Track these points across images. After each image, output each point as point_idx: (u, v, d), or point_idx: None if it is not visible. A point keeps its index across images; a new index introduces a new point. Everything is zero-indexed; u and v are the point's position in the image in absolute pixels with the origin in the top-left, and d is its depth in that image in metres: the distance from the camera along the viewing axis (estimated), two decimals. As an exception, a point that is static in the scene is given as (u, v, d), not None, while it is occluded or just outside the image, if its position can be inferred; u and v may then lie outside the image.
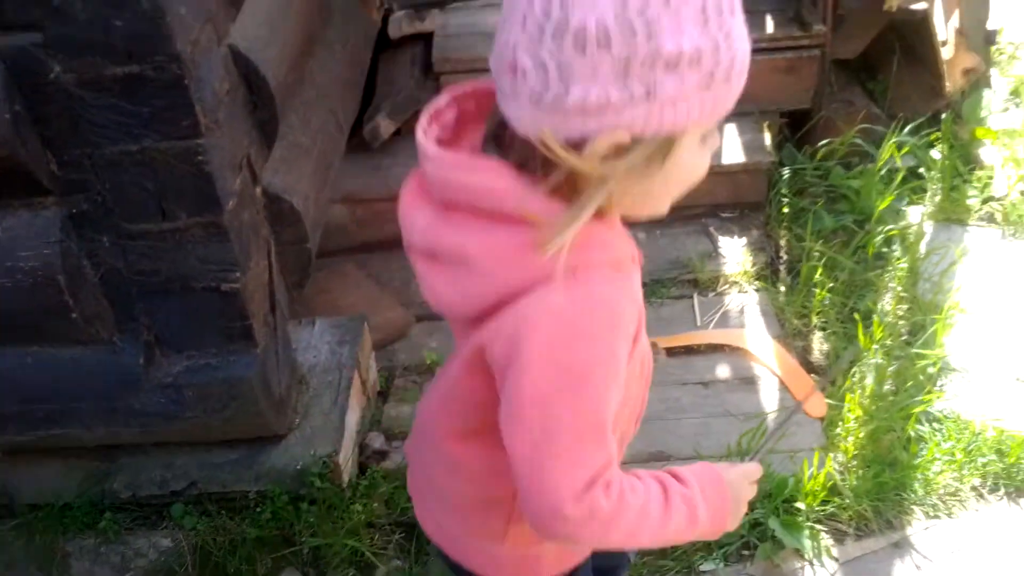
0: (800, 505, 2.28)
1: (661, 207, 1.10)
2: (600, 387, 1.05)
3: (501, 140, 1.05)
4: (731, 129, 3.30)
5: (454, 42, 3.43)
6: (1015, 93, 3.75)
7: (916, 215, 3.16)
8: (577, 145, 0.97)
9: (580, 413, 1.05)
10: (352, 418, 2.39)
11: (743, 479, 1.30)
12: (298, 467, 2.24)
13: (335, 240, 3.16)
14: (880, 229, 2.99)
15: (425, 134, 1.08)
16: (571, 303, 1.01)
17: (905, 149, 3.22)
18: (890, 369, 2.57)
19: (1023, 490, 2.36)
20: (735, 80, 0.97)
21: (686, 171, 1.05)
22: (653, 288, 3.00)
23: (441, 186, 1.07)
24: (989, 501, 2.35)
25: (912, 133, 3.29)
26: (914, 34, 3.35)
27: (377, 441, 2.51)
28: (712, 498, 1.21)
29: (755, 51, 1.00)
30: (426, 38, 3.48)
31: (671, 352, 2.76)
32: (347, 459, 2.33)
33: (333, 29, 2.80)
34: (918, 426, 2.44)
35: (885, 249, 3.00)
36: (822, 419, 2.50)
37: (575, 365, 1.03)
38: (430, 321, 2.96)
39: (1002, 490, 2.36)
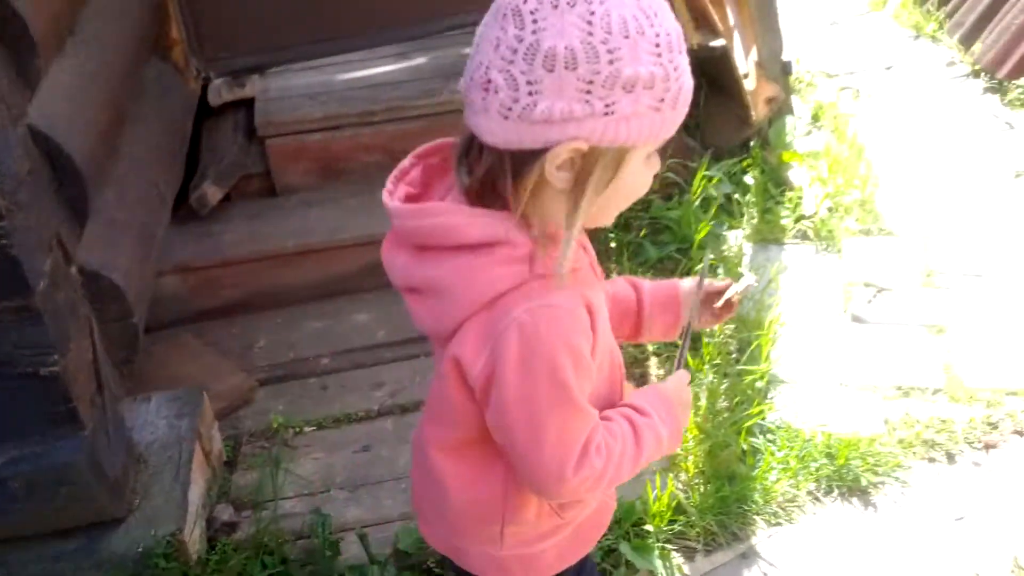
0: (648, 527, 2.34)
1: (608, 218, 1.23)
2: (569, 378, 1.17)
3: (470, 153, 1.16)
4: (555, 170, 3.40)
5: (276, 105, 3.44)
6: (815, 117, 4.02)
7: (735, 238, 3.32)
8: (539, 152, 1.08)
9: (557, 405, 1.19)
10: (196, 493, 2.33)
11: (681, 389, 1.44)
12: (139, 549, 2.16)
13: (169, 311, 3.11)
14: (702, 255, 3.13)
15: (390, 195, 1.23)
16: (532, 315, 1.14)
17: (715, 180, 3.39)
18: (722, 387, 2.68)
19: (855, 489, 2.48)
20: (680, 107, 1.11)
21: (632, 186, 1.18)
22: (496, 331, 3.04)
23: (409, 235, 1.20)
24: (824, 503, 2.46)
25: (725, 161, 3.46)
26: (717, 69, 3.54)
27: (226, 513, 2.45)
28: (667, 419, 1.36)
29: None
30: (248, 103, 3.48)
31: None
32: (193, 535, 2.26)
33: (147, 101, 2.77)
34: (752, 439, 2.55)
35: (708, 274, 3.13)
36: (663, 442, 2.58)
37: (544, 367, 1.16)
38: (275, 384, 2.93)
39: (835, 491, 2.48)
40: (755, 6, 3.51)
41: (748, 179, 3.51)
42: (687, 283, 1.54)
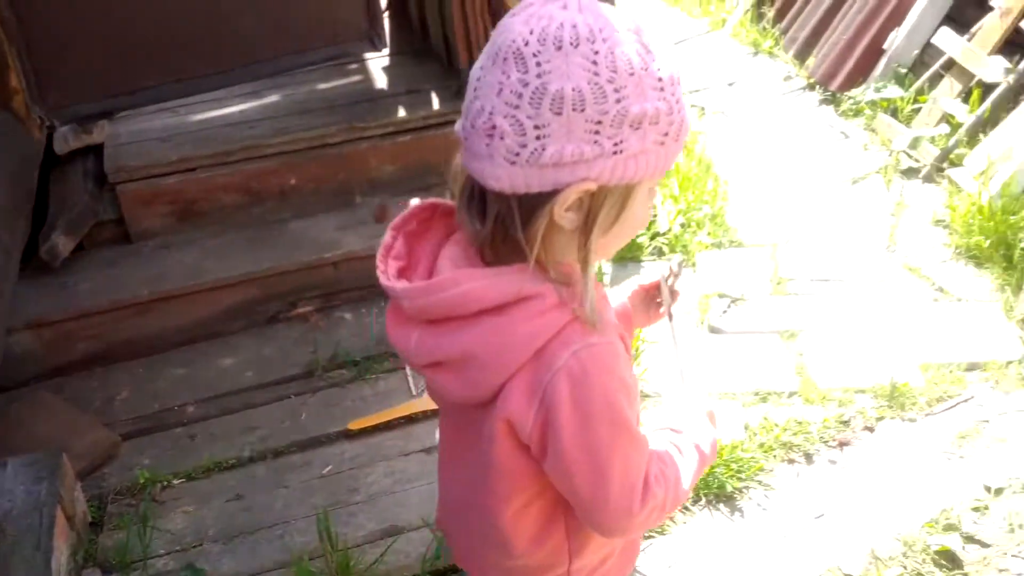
0: (527, 552, 2.37)
1: (611, 253, 1.23)
2: (625, 411, 1.17)
3: (472, 202, 1.14)
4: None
5: (127, 150, 3.37)
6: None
7: (595, 259, 3.40)
8: (550, 195, 1.06)
9: (617, 442, 1.18)
10: (60, 560, 2.25)
11: (699, 402, 1.45)
12: (3, 625, 2.08)
13: (24, 369, 3.01)
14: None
15: (386, 275, 1.19)
16: (578, 360, 1.12)
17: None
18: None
19: (721, 496, 2.58)
20: (681, 139, 1.10)
21: (638, 219, 1.17)
22: (366, 366, 3.05)
23: (423, 311, 1.16)
24: (694, 512, 2.55)
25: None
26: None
27: (94, 577, 2.38)
28: (700, 432, 1.39)
29: (428, 127, 1.11)
30: (96, 150, 3.39)
31: (377, 429, 2.81)
32: (61, 603, 2.19)
33: (-14, 153, 2.67)
34: (622, 455, 2.61)
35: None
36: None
37: (600, 408, 1.14)
38: (140, 437, 2.85)
39: (703, 500, 2.57)
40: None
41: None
42: (620, 291, 1.56)
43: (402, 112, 3.49)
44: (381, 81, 3.76)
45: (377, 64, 3.90)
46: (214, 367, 3.10)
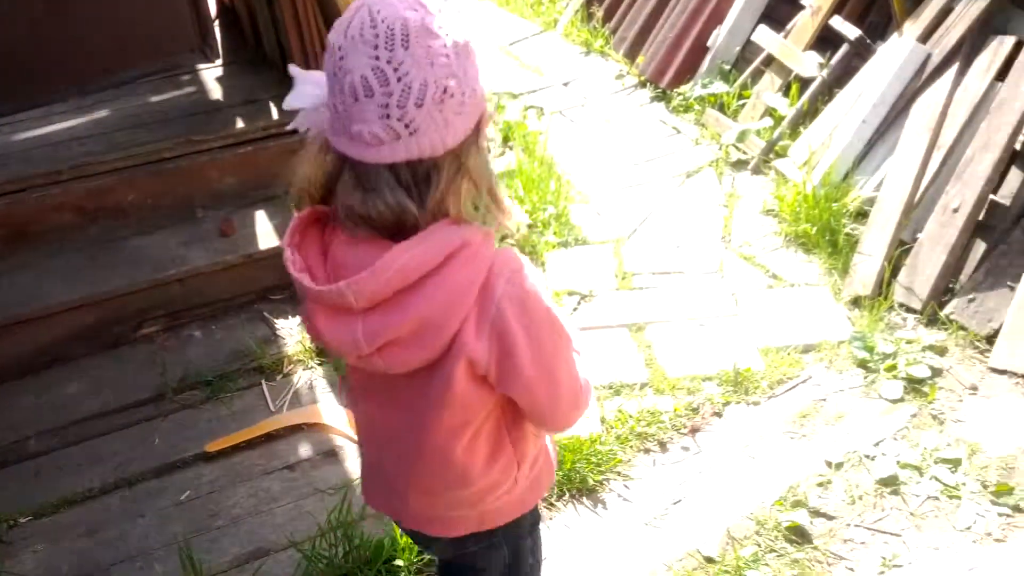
0: (399, 562, 2.38)
1: None
2: (556, 315, 1.34)
3: (412, 177, 1.23)
4: (261, 215, 3.38)
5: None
6: (506, 138, 4.22)
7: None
8: (477, 127, 1.25)
9: (559, 345, 1.37)
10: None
11: None
12: None
13: None
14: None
15: (313, 283, 1.28)
16: (512, 285, 1.26)
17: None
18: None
19: (584, 490, 2.65)
20: None
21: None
22: (220, 384, 2.99)
23: (372, 296, 1.24)
24: (559, 507, 2.62)
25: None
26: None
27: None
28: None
29: (268, 137, 1.16)
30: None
31: (236, 449, 2.77)
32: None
33: None
34: (486, 457, 2.65)
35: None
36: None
37: (541, 319, 1.31)
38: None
39: (567, 495, 2.64)
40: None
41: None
42: None
43: (240, 123, 3.42)
44: (216, 92, 3.68)
45: (211, 75, 3.80)
46: (56, 396, 2.97)
